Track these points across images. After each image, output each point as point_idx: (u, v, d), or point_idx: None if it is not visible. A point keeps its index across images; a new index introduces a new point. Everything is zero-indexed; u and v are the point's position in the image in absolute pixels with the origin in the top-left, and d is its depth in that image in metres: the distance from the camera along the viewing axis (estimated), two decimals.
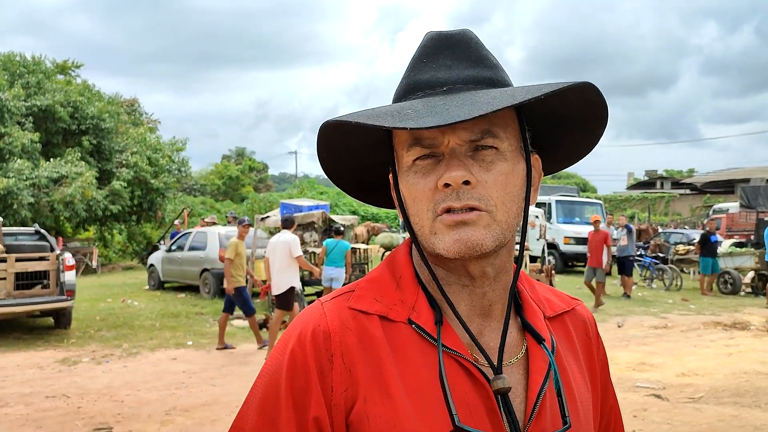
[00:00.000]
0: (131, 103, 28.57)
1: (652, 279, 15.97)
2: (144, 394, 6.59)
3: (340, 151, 0.93)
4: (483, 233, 0.82)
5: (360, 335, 0.85)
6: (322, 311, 0.88)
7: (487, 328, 0.89)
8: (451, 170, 0.80)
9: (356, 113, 0.84)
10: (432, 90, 0.85)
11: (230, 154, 53.40)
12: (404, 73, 0.91)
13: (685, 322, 10.77)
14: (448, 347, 0.85)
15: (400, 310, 0.87)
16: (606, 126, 0.91)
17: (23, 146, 19.29)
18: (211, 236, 14.45)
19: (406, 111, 0.79)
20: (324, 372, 0.83)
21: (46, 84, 22.01)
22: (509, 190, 0.84)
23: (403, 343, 0.85)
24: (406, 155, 0.85)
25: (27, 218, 17.80)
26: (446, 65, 0.87)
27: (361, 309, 0.87)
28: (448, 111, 0.77)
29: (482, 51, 0.89)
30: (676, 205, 40.58)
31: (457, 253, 0.82)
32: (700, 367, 7.59)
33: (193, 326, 10.67)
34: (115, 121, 22.74)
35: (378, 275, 0.93)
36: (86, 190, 19.07)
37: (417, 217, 0.85)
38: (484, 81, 0.86)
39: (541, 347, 0.89)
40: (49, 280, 9.95)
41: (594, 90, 0.84)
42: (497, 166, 0.83)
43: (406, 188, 0.86)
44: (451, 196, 0.81)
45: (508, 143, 0.84)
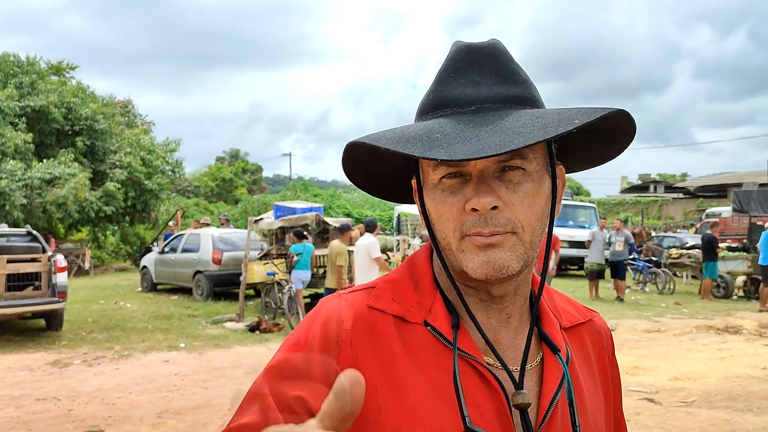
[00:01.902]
0: (125, 104, 28.48)
1: (645, 283, 16.02)
2: (136, 397, 6.56)
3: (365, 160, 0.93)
4: (509, 255, 0.82)
5: (372, 329, 0.86)
6: (340, 301, 0.90)
7: (503, 337, 0.90)
8: (480, 196, 0.80)
9: (385, 134, 0.83)
10: (460, 108, 0.84)
11: (224, 155, 53.30)
12: (431, 86, 0.89)
13: (677, 326, 10.80)
14: (462, 351, 0.85)
15: (417, 311, 0.88)
16: (631, 141, 0.90)
17: (16, 147, 19.20)
18: (204, 238, 14.41)
19: (435, 136, 0.78)
20: (331, 355, 0.84)
21: (40, 85, 21.92)
22: (535, 210, 0.84)
23: (417, 343, 0.86)
24: (432, 172, 0.85)
25: (19, 219, 17.70)
26: (474, 81, 0.85)
27: (378, 308, 0.88)
28: (479, 140, 0.75)
29: (511, 65, 0.87)
30: (669, 209, 40.72)
31: (485, 275, 0.82)
32: (692, 371, 7.60)
33: (186, 328, 10.62)
34: (109, 123, 22.66)
35: (397, 276, 0.94)
36: (79, 191, 18.98)
37: (443, 233, 0.85)
38: (513, 99, 0.85)
39: (555, 357, 0.90)
40: (40, 282, 9.90)
41: (625, 114, 0.83)
42: (524, 186, 0.83)
43: (432, 204, 0.86)
44: (480, 222, 0.81)
45: (536, 163, 0.84)
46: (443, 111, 0.85)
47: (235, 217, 28.54)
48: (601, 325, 1.04)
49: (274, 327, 10.36)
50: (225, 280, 13.83)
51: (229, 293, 14.08)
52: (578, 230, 19.32)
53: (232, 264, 13.66)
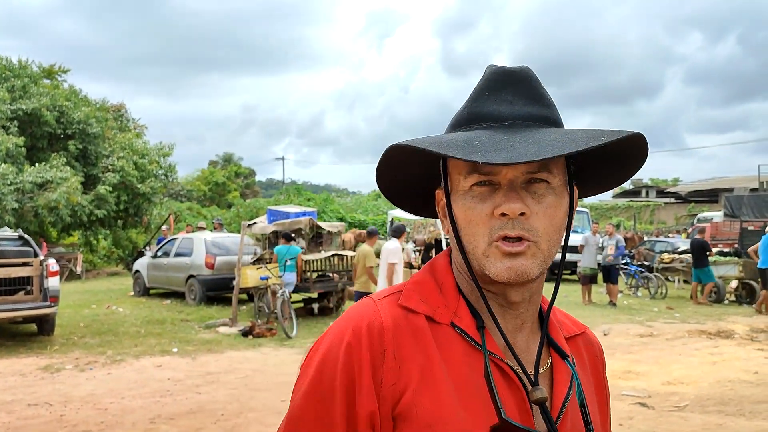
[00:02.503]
0: (118, 108, 28.40)
1: (638, 287, 16.07)
2: (128, 402, 6.52)
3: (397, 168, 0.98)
4: (531, 262, 0.88)
5: (412, 332, 0.91)
6: (376, 308, 0.94)
7: (519, 342, 0.96)
8: (510, 202, 0.86)
9: (425, 140, 0.89)
10: (494, 123, 0.91)
11: (217, 159, 53.16)
12: (465, 103, 0.96)
13: (670, 331, 10.84)
14: (490, 352, 0.92)
15: (444, 313, 0.94)
16: (641, 166, 0.97)
17: (8, 150, 19.11)
18: (198, 242, 14.37)
19: (474, 143, 0.85)
20: (376, 365, 0.88)
21: (32, 88, 21.83)
22: (555, 222, 0.90)
23: (448, 342, 0.92)
24: (463, 180, 0.91)
25: (11, 223, 17.59)
26: (508, 100, 0.92)
27: (411, 307, 0.93)
28: (514, 148, 0.82)
29: (541, 89, 0.95)
30: (661, 213, 40.89)
31: (507, 279, 0.88)
32: (685, 376, 7.63)
33: (179, 333, 10.58)
34: (102, 127, 22.59)
35: (422, 279, 0.99)
36: (71, 195, 18.90)
37: (472, 238, 0.90)
38: (541, 119, 0.92)
39: (564, 362, 0.98)
40: (32, 286, 9.84)
41: (641, 138, 0.90)
42: (547, 198, 0.89)
43: (461, 211, 0.91)
44: (507, 225, 0.87)
45: (558, 178, 0.91)
46: (478, 125, 0.92)
47: (228, 222, 28.46)
48: (593, 338, 1.12)
49: (267, 332, 10.33)
50: (218, 284, 13.79)
51: (222, 298, 14.04)
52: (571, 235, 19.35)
53: (225, 268, 13.62)
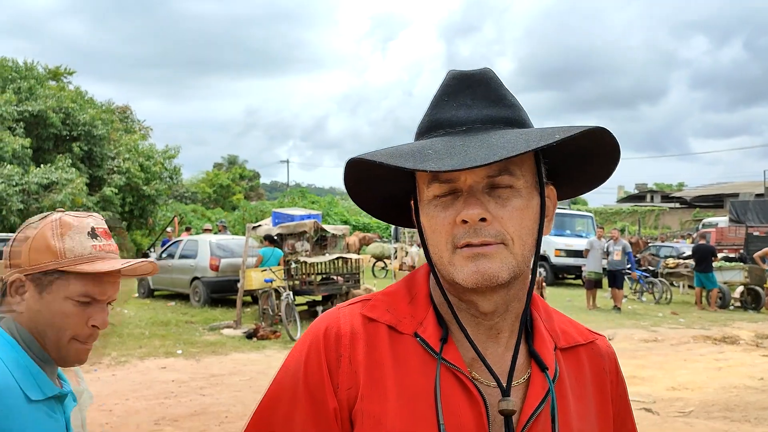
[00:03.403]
0: (124, 110, 28.51)
1: (642, 292, 16.03)
2: (133, 404, 6.53)
3: (368, 180, 0.98)
4: (499, 265, 0.86)
5: (367, 341, 0.91)
6: (338, 315, 0.95)
7: (491, 353, 0.92)
8: (469, 208, 0.85)
9: (381, 152, 0.89)
10: (452, 129, 0.90)
11: (222, 161, 53.28)
12: (426, 110, 0.95)
13: (675, 336, 10.81)
14: (447, 362, 0.89)
15: (409, 323, 0.93)
16: (618, 161, 0.95)
17: (14, 151, 19.18)
18: (202, 244, 14.39)
19: (427, 152, 0.84)
20: (332, 369, 0.90)
21: (38, 90, 21.94)
22: (524, 224, 0.88)
23: (406, 353, 0.91)
24: (426, 190, 0.90)
25: (16, 224, 17.65)
26: (466, 104, 0.91)
27: (372, 317, 0.94)
28: (467, 153, 0.80)
29: (501, 90, 0.93)
30: (665, 218, 40.83)
31: (475, 283, 0.86)
32: (690, 381, 7.61)
33: (183, 335, 10.59)
34: (107, 129, 22.67)
35: (395, 290, 0.99)
36: (76, 196, 18.96)
37: (436, 248, 0.89)
38: (502, 121, 0.90)
39: (542, 374, 0.92)
40: None
41: (606, 132, 0.87)
42: (512, 202, 0.87)
43: (426, 220, 0.91)
44: (469, 232, 0.85)
45: (524, 180, 0.89)
46: (437, 132, 0.91)
47: (232, 224, 28.51)
48: (604, 348, 1.05)
49: (271, 334, 10.34)
50: (222, 286, 13.80)
51: (226, 300, 14.06)
52: (575, 239, 19.34)
53: (229, 270, 13.63)
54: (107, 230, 1.41)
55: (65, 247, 1.32)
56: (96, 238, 1.37)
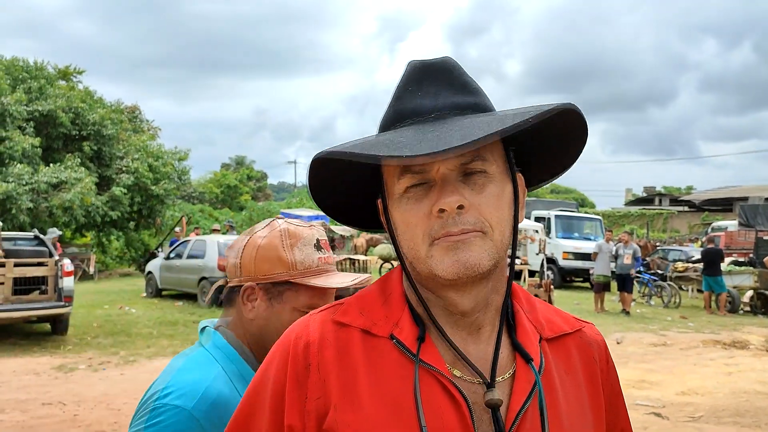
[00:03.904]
0: (132, 109, 28.61)
1: (651, 296, 15.96)
2: None
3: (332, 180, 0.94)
4: (480, 253, 0.83)
5: (338, 348, 0.88)
6: (308, 323, 0.92)
7: (472, 349, 0.89)
8: (445, 196, 0.82)
9: (348, 144, 0.85)
10: (420, 117, 0.87)
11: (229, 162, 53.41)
12: (390, 102, 0.92)
13: (684, 340, 10.75)
14: (426, 363, 0.86)
15: (384, 325, 0.89)
16: (585, 143, 0.93)
17: (24, 151, 19.29)
18: (210, 244, 14.42)
19: (399, 140, 0.80)
20: (300, 380, 0.87)
21: (48, 89, 22.06)
22: (501, 211, 0.86)
23: (381, 357, 0.87)
24: (397, 183, 0.86)
25: (25, 223, 17.76)
26: (432, 92, 0.88)
27: (344, 322, 0.90)
28: (441, 138, 0.77)
29: (464, 77, 0.91)
30: (674, 222, 40.65)
31: (456, 274, 0.83)
32: (700, 386, 7.56)
33: (191, 335, 10.61)
34: (116, 128, 22.77)
35: (368, 291, 0.95)
36: (85, 196, 19.05)
37: (412, 242, 0.86)
38: (468, 107, 0.88)
39: (528, 367, 0.89)
40: (47, 286, 9.91)
41: (574, 111, 0.86)
42: (488, 188, 0.85)
43: (399, 214, 0.87)
44: (448, 222, 0.82)
45: (496, 165, 0.86)
46: (404, 122, 0.88)
47: (240, 224, 28.56)
48: (592, 336, 1.00)
49: None
50: None
51: None
52: (584, 242, 19.29)
53: None
54: (327, 241, 1.45)
55: (296, 259, 1.36)
56: (321, 250, 1.41)
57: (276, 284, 1.35)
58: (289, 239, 1.37)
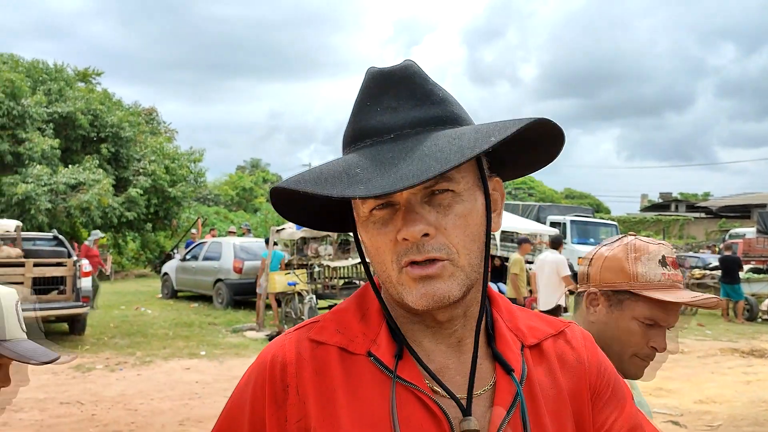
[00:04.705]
0: (150, 112, 28.84)
1: None
2: (158, 404, 6.59)
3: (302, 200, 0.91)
4: (448, 284, 0.81)
5: (315, 367, 0.86)
6: (283, 342, 0.90)
7: (453, 363, 0.87)
8: (408, 225, 0.79)
9: (306, 175, 0.81)
10: (380, 137, 0.82)
11: (245, 164, 53.68)
12: (350, 117, 0.87)
13: (701, 348, 10.65)
14: (404, 379, 0.84)
15: (361, 342, 0.87)
16: (563, 144, 0.89)
17: (43, 152, 19.51)
18: (226, 247, 14.50)
19: (355, 171, 0.77)
20: (278, 402, 0.85)
21: (68, 92, 22.31)
22: (469, 231, 0.82)
23: (360, 375, 0.85)
24: (362, 206, 0.84)
25: (44, 223, 17.97)
26: (391, 107, 0.83)
27: (321, 340, 0.88)
28: (397, 170, 0.74)
29: (427, 86, 0.85)
30: (690, 228, 40.29)
31: (425, 306, 0.81)
32: (718, 395, 7.48)
33: (206, 336, 10.67)
34: (134, 131, 22.98)
35: (345, 307, 0.93)
36: (103, 197, 19.23)
37: (382, 266, 0.84)
38: (432, 121, 0.83)
39: (509, 378, 0.87)
40: (65, 286, 10.01)
41: (549, 124, 0.83)
42: (455, 208, 0.81)
43: (367, 238, 0.85)
44: (413, 249, 0.80)
45: (464, 182, 0.83)
46: (364, 142, 0.83)
47: (255, 227, 28.68)
48: (575, 337, 0.97)
49: None
50: (245, 289, 13.89)
51: (249, 302, 14.13)
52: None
53: (252, 273, 13.71)
54: (676, 260, 1.50)
55: (638, 271, 1.44)
56: (666, 266, 1.46)
57: (616, 292, 1.45)
58: (634, 253, 1.46)
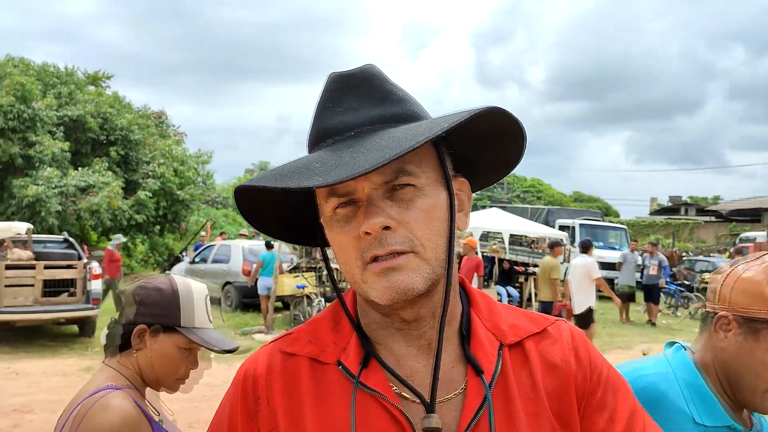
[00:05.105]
0: (159, 115, 28.99)
1: (677, 307, 15.75)
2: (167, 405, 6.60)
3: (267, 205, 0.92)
4: (412, 276, 0.80)
5: (285, 379, 0.88)
6: (258, 355, 0.93)
7: (425, 365, 0.87)
8: (369, 218, 0.79)
9: (268, 174, 0.82)
10: (340, 136, 0.84)
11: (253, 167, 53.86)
12: (312, 120, 0.88)
13: None
14: (367, 386, 0.84)
15: (332, 351, 0.88)
16: (525, 139, 0.89)
17: (53, 155, 19.64)
18: (235, 250, 14.53)
19: (314, 166, 0.78)
20: (251, 414, 0.88)
21: (78, 95, 22.47)
22: (433, 225, 0.82)
23: (329, 384, 0.86)
24: (326, 205, 0.84)
25: (54, 226, 18.07)
26: (352, 107, 0.85)
27: (292, 352, 0.90)
28: (355, 160, 0.75)
29: (386, 86, 0.87)
30: (700, 232, 40.09)
31: (390, 299, 0.81)
32: None
33: None
34: (143, 133, 23.11)
35: (320, 317, 0.95)
36: (112, 199, 19.33)
37: (347, 266, 0.84)
38: (391, 118, 0.84)
39: (479, 379, 0.85)
40: (75, 288, 10.06)
41: (501, 111, 0.83)
42: (417, 203, 0.81)
43: (332, 237, 0.86)
44: (375, 244, 0.80)
45: (426, 177, 0.83)
46: (325, 142, 0.84)
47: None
48: (561, 333, 0.94)
49: None
50: (254, 292, 13.88)
51: (257, 305, 14.15)
52: (608, 251, 19.09)
53: None
54: None
55: None
56: None
57: (752, 320, 1.26)
58: None
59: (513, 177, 55.58)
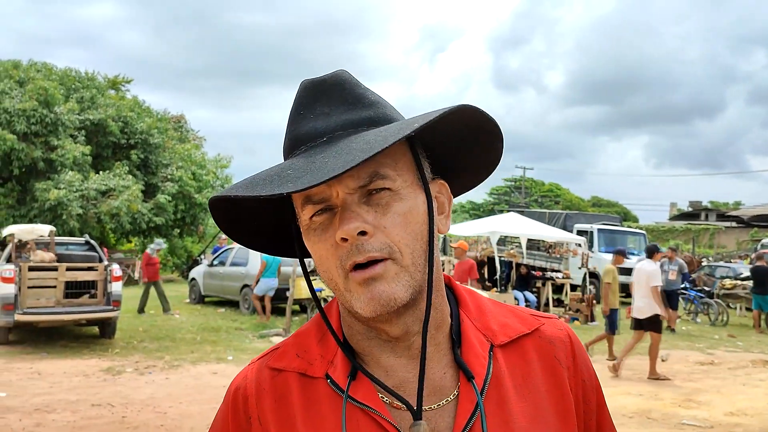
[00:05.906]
0: (178, 119, 29.26)
1: (697, 313, 15.57)
2: (186, 407, 6.67)
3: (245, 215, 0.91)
4: (393, 285, 0.79)
5: (275, 396, 0.87)
6: (246, 373, 0.91)
7: (413, 376, 0.86)
8: (344, 223, 0.77)
9: (240, 183, 0.81)
10: (313, 142, 0.82)
11: None
12: (286, 128, 0.87)
13: (732, 360, 10.47)
14: (355, 400, 0.83)
15: (320, 365, 0.87)
16: (501, 137, 0.88)
17: (75, 159, 19.91)
18: (253, 253, 14.61)
19: (287, 173, 0.77)
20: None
21: (99, 99, 22.77)
22: (411, 229, 0.81)
23: (318, 399, 0.85)
24: (302, 213, 0.83)
25: (75, 229, 18.31)
26: (324, 113, 0.84)
27: (279, 367, 0.88)
28: (326, 165, 0.74)
29: (358, 90, 0.86)
30: (721, 237, 39.61)
31: (374, 311, 0.79)
32: (749, 407, 7.35)
33: (233, 341, 10.77)
34: (163, 137, 23.35)
35: (306, 329, 0.93)
36: (132, 203, 19.56)
37: (329, 274, 0.82)
38: (363, 122, 0.83)
39: (470, 385, 0.84)
40: (96, 290, 10.19)
41: (474, 109, 0.82)
42: (393, 207, 0.80)
43: (310, 246, 0.84)
44: (353, 251, 0.78)
45: (402, 180, 0.81)
46: (299, 149, 0.84)
47: None
48: (553, 333, 0.93)
49: None
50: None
51: (275, 308, 14.23)
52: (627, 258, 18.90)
53: (279, 279, 13.81)
54: None
55: None
56: None
57: None
58: None
59: (531, 182, 55.30)
